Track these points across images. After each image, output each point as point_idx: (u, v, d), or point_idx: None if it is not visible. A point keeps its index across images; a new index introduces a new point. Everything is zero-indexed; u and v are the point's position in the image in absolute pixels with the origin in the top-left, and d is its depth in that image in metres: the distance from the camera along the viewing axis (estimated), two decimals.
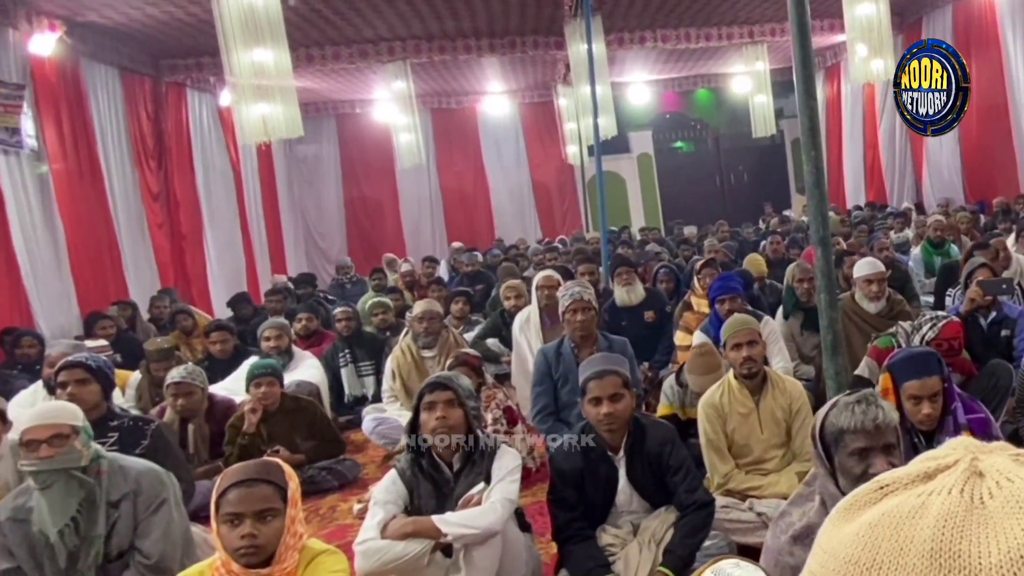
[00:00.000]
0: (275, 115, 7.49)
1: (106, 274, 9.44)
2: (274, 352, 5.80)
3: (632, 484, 3.23)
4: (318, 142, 16.00)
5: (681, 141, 19.15)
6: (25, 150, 8.35)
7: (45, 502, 2.88)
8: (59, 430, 2.92)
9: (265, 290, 9.95)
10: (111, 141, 10.08)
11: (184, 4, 9.12)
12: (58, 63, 9.04)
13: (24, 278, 8.02)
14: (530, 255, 11.23)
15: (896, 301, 5.21)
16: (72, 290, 8.78)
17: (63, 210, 8.81)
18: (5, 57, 8.31)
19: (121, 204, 10.03)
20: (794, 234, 9.88)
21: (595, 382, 3.17)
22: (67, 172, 9.05)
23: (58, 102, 9.08)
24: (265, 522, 2.35)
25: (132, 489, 3.00)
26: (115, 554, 2.97)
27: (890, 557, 0.47)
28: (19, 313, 7.84)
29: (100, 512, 2.94)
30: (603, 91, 10.58)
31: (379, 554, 2.89)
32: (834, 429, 2.24)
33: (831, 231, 4.29)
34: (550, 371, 4.63)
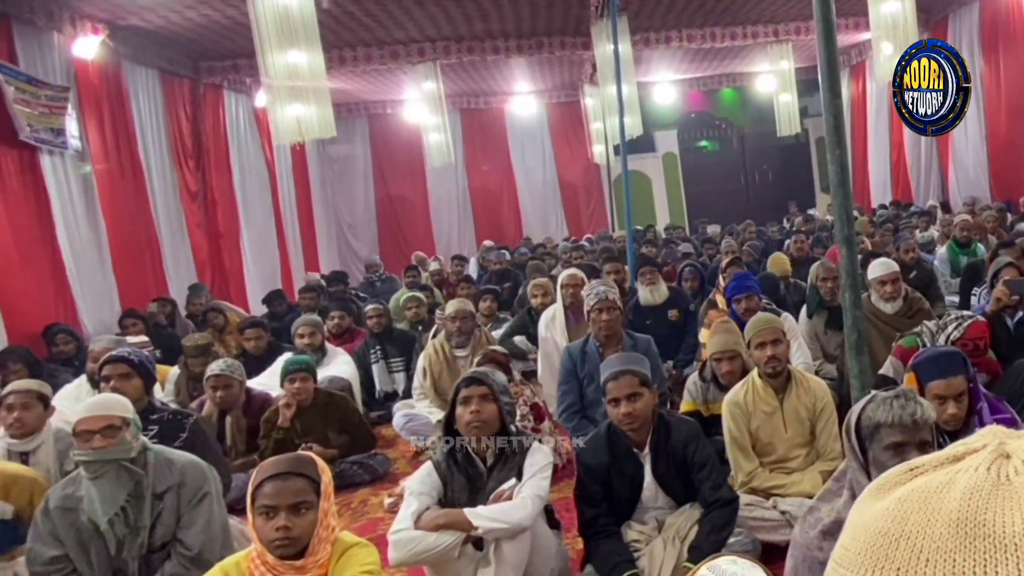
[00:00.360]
0: (309, 116, 7.53)
1: (146, 272, 9.55)
2: (308, 349, 5.84)
3: (657, 481, 3.22)
4: (350, 142, 16.07)
5: (706, 140, 19.03)
6: (69, 150, 8.45)
7: (96, 491, 2.92)
8: (111, 421, 2.96)
9: (299, 287, 10.03)
10: (151, 141, 10.19)
11: (221, 7, 9.20)
12: (101, 65, 9.15)
13: (69, 275, 8.13)
14: (559, 253, 11.21)
15: (914, 300, 5.12)
16: (114, 287, 8.88)
17: (106, 209, 8.92)
18: (50, 60, 8.42)
19: (161, 203, 10.14)
20: (818, 233, 9.77)
21: (612, 383, 3.18)
22: (109, 172, 9.16)
23: (101, 103, 9.19)
24: (299, 515, 2.37)
25: (177, 482, 3.03)
26: (158, 544, 3.01)
27: (918, 527, 0.48)
28: (64, 309, 7.95)
29: (146, 503, 2.98)
30: (629, 91, 10.54)
31: (412, 544, 2.91)
32: (870, 423, 2.21)
33: (857, 230, 4.25)
34: (575, 370, 4.63)
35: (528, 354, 6.30)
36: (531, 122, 16.92)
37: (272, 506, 2.36)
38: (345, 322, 6.92)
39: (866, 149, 15.34)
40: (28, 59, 8.03)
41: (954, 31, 12.27)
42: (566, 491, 4.26)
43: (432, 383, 5.52)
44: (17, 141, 7.69)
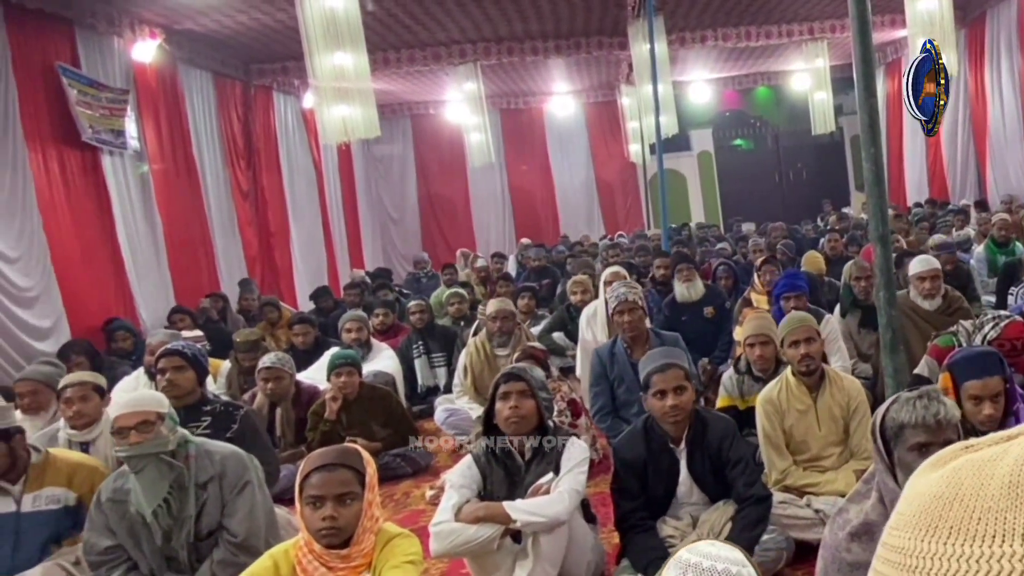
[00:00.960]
0: (354, 116, 7.57)
1: (200, 268, 9.67)
2: (354, 343, 5.87)
3: (692, 476, 3.19)
4: (394, 142, 16.12)
5: (741, 139, 18.80)
6: (128, 151, 8.60)
7: (139, 484, 2.96)
8: (145, 417, 2.99)
9: (344, 284, 10.10)
10: (205, 142, 10.31)
11: (271, 11, 9.28)
12: (158, 69, 9.28)
13: (127, 271, 8.27)
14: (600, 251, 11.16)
15: (954, 298, 5.01)
16: (169, 283, 9.01)
17: (162, 208, 9.05)
18: (111, 63, 8.56)
19: (214, 202, 10.26)
20: (853, 231, 9.61)
21: (659, 375, 3.14)
22: (165, 171, 9.29)
23: (157, 105, 9.32)
24: (345, 505, 2.39)
25: (218, 472, 3.05)
26: (205, 533, 3.04)
27: (971, 490, 0.49)
28: (123, 304, 8.09)
29: (190, 494, 3.00)
30: (665, 90, 10.45)
31: (452, 536, 2.91)
32: (894, 424, 2.17)
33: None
34: (605, 371, 4.60)
35: (566, 350, 6.28)
36: (569, 122, 16.85)
37: (319, 496, 2.39)
38: (389, 319, 6.96)
39: (901, 147, 15.01)
40: (90, 63, 8.18)
41: (992, 27, 11.95)
42: (602, 486, 4.24)
43: (472, 381, 5.51)
44: (80, 142, 7.84)
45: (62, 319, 7.27)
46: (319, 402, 4.88)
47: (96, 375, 4.17)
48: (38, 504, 3.33)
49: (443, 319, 7.08)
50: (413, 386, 6.28)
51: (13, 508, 3.32)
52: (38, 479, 3.35)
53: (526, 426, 3.11)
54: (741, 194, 17.64)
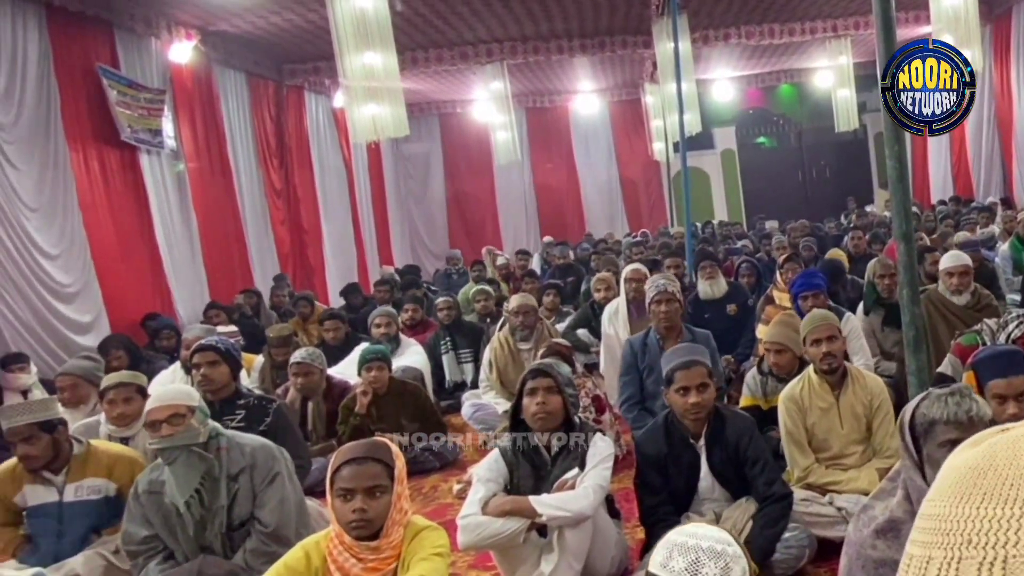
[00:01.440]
0: (383, 115, 7.57)
1: (234, 265, 9.74)
2: (384, 339, 5.88)
3: (713, 472, 3.18)
4: (422, 140, 16.11)
5: (764, 137, 18.63)
6: (165, 150, 8.68)
7: (172, 476, 3.00)
8: (176, 410, 3.03)
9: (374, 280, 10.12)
10: (239, 141, 10.37)
11: (303, 12, 9.32)
12: (193, 69, 9.35)
13: (165, 267, 8.36)
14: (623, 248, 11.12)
15: (984, 295, 4.94)
16: (204, 279, 9.10)
17: (197, 205, 9.13)
18: (149, 64, 8.64)
19: (248, 200, 10.32)
20: (876, 229, 9.48)
21: (683, 372, 3.12)
22: (201, 170, 9.37)
23: (193, 105, 9.39)
24: (374, 497, 2.40)
25: (248, 463, 3.08)
26: (237, 523, 3.07)
27: (1004, 461, 0.50)
28: (160, 300, 8.17)
29: (221, 485, 3.04)
30: (688, 88, 10.38)
31: (479, 529, 2.92)
32: (925, 420, 2.13)
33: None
34: (636, 362, 4.59)
35: (590, 347, 6.26)
36: (593, 120, 16.78)
37: (349, 489, 2.40)
38: (418, 315, 6.96)
39: (926, 144, 14.77)
40: (129, 64, 8.26)
41: (1018, 23, 11.71)
42: (626, 481, 4.23)
43: (498, 375, 5.52)
44: (119, 141, 7.93)
45: (102, 314, 7.36)
46: (350, 396, 4.91)
47: (138, 375, 4.22)
48: (80, 494, 3.39)
49: (470, 315, 7.08)
50: (441, 381, 6.28)
51: (56, 498, 3.39)
52: (80, 470, 3.41)
53: (552, 422, 3.11)
54: (764, 192, 17.48)
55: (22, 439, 3.31)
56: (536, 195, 16.84)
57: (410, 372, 5.52)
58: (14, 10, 6.85)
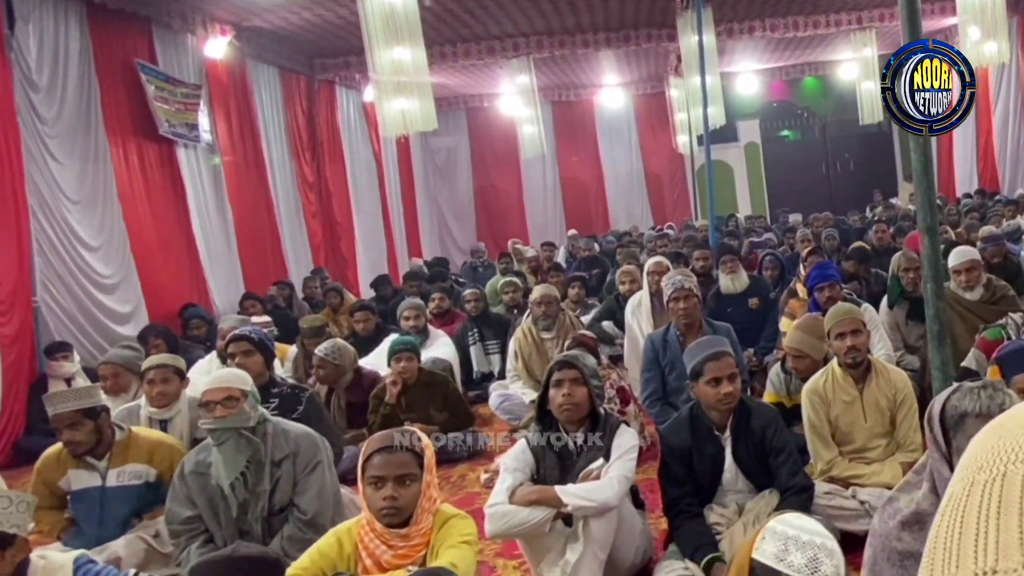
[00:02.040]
0: (412, 109, 7.59)
1: (267, 256, 9.82)
2: (412, 330, 5.89)
3: (737, 464, 3.15)
4: (450, 134, 16.08)
5: (788, 129, 18.40)
6: (201, 144, 8.75)
7: (220, 457, 3.04)
8: (231, 393, 3.08)
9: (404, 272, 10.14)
10: (272, 135, 10.44)
11: (334, 7, 9.34)
12: (228, 64, 9.42)
13: (201, 259, 8.44)
14: (644, 242, 11.06)
15: (999, 287, 4.82)
16: (239, 270, 9.18)
17: (233, 198, 9.21)
18: (185, 60, 8.71)
19: (281, 193, 10.39)
20: (900, 222, 9.34)
21: (713, 363, 3.09)
22: (235, 164, 9.44)
23: (228, 100, 9.46)
24: (404, 486, 2.42)
25: (292, 451, 3.12)
26: (277, 508, 3.11)
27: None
28: (197, 291, 8.27)
29: (265, 470, 3.08)
30: (712, 81, 10.29)
31: (506, 518, 2.93)
32: (956, 412, 2.09)
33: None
34: (657, 358, 4.55)
35: (615, 339, 6.24)
36: (618, 113, 16.68)
37: (380, 477, 2.42)
38: (445, 304, 6.97)
39: (951, 137, 14.48)
40: (166, 60, 8.34)
41: None
42: (650, 472, 4.21)
43: (523, 364, 5.52)
44: (157, 135, 8.02)
45: (141, 305, 7.46)
46: (380, 386, 4.92)
47: (177, 358, 4.28)
48: (121, 479, 3.44)
49: (498, 307, 7.07)
50: (468, 372, 6.29)
51: (99, 483, 3.44)
52: (121, 455, 3.46)
53: (578, 413, 3.10)
54: (788, 185, 17.28)
55: (67, 425, 3.37)
56: (562, 188, 16.78)
57: (439, 363, 5.53)
58: (56, 7, 6.95)
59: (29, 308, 6.28)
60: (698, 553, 2.91)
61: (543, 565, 3.03)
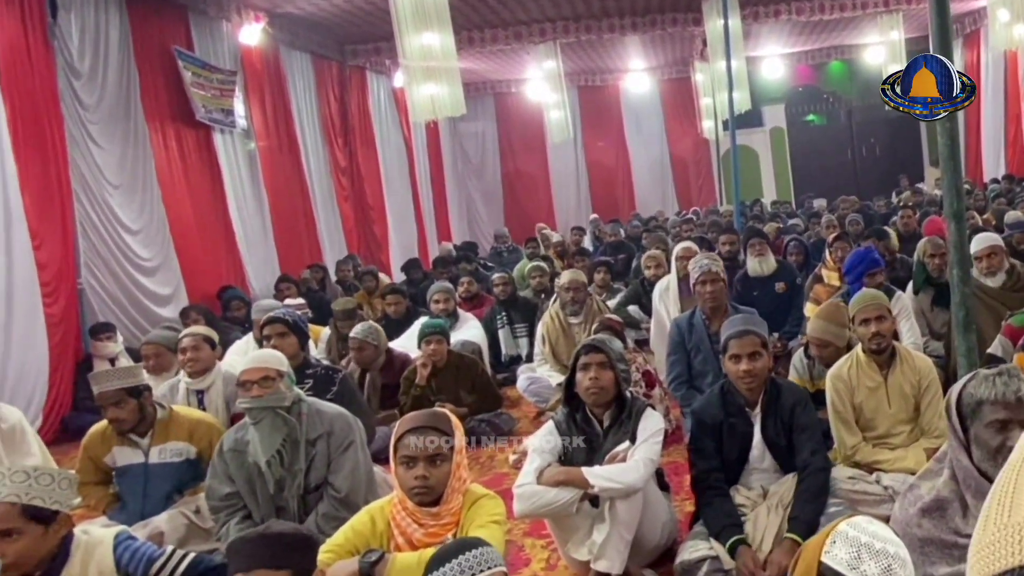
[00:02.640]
0: (441, 95, 7.56)
1: (302, 240, 9.87)
2: (442, 314, 5.91)
3: (765, 442, 3.15)
4: (479, 119, 16.04)
5: (813, 114, 18.10)
6: (237, 129, 8.80)
7: (256, 435, 3.07)
8: (267, 373, 3.11)
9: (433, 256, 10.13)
10: (306, 120, 10.45)
11: None
12: (262, 51, 9.45)
13: (238, 242, 8.51)
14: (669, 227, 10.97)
15: (1021, 274, 4.75)
16: (275, 253, 9.25)
17: (268, 183, 9.26)
18: (220, 46, 8.75)
19: (315, 177, 10.42)
20: (927, 208, 9.17)
21: (736, 341, 3.10)
22: (270, 148, 9.49)
23: (262, 86, 9.50)
24: (435, 466, 2.44)
25: (326, 430, 3.14)
26: (313, 486, 3.14)
27: None
28: (235, 273, 8.34)
29: (301, 448, 3.10)
30: (738, 66, 10.16)
31: (534, 498, 2.94)
32: (972, 400, 2.06)
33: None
34: (683, 341, 4.52)
35: (640, 323, 6.22)
36: (644, 99, 16.52)
37: (412, 457, 2.44)
38: (473, 287, 6.99)
39: (979, 121, 14.18)
40: (202, 46, 8.38)
41: None
42: (675, 455, 4.22)
43: (550, 348, 5.51)
44: (194, 121, 8.07)
45: (180, 287, 7.55)
46: (411, 368, 4.95)
47: (208, 329, 4.35)
48: (163, 456, 3.50)
49: (525, 291, 7.07)
50: (497, 355, 6.29)
51: (142, 459, 3.50)
52: (163, 433, 3.52)
53: (605, 396, 3.10)
54: (813, 170, 17.03)
55: (111, 403, 3.43)
56: (588, 173, 16.68)
57: (468, 346, 5.54)
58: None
59: (74, 290, 6.39)
60: (724, 534, 2.91)
61: (570, 545, 3.04)
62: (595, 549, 2.92)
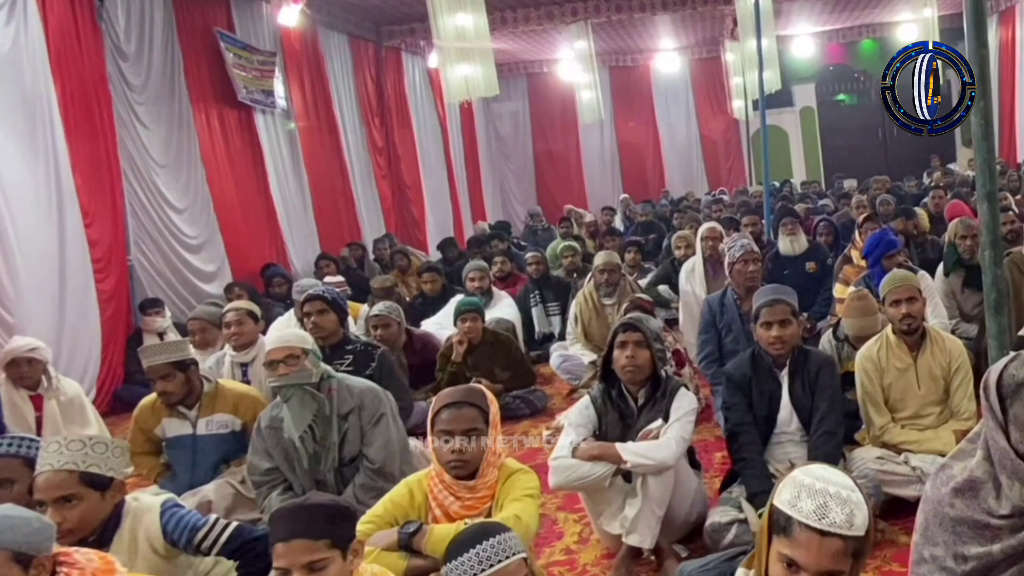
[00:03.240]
0: (475, 75, 7.54)
1: (341, 218, 9.88)
2: (477, 292, 5.91)
3: (793, 402, 3.18)
4: (512, 100, 15.89)
5: (844, 94, 17.69)
6: (277, 110, 8.81)
7: (288, 412, 3.11)
8: (291, 351, 3.14)
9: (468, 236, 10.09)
10: (344, 101, 10.43)
11: None
12: (301, 32, 9.42)
13: (280, 220, 8.56)
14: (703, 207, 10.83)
15: None
16: (315, 231, 9.29)
17: (308, 162, 9.27)
18: (260, 28, 8.75)
19: (354, 157, 10.40)
20: (958, 188, 8.94)
21: (767, 309, 3.19)
22: (310, 129, 9.50)
23: (301, 67, 9.48)
24: (471, 440, 2.46)
25: (356, 405, 3.17)
26: (348, 459, 3.18)
27: None
28: (277, 251, 8.40)
29: (332, 422, 3.14)
30: (768, 45, 9.94)
31: (569, 471, 2.95)
32: (1013, 382, 2.00)
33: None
34: (714, 320, 4.49)
35: (671, 303, 6.17)
36: (674, 78, 16.27)
37: (448, 431, 2.46)
38: (507, 267, 6.98)
39: (1014, 100, 13.71)
40: (243, 28, 8.39)
41: None
42: (705, 434, 4.20)
43: (583, 328, 5.49)
44: (236, 101, 8.10)
45: (225, 264, 7.63)
46: (447, 345, 4.97)
47: (251, 303, 4.41)
48: (210, 428, 3.56)
49: (557, 271, 7.04)
50: (530, 333, 6.28)
51: (190, 431, 3.56)
52: (210, 406, 3.57)
53: (640, 374, 3.09)
54: (843, 150, 16.66)
55: (160, 376, 3.49)
56: (619, 153, 16.51)
57: (503, 323, 5.54)
58: None
59: (124, 267, 6.49)
60: (757, 498, 2.93)
61: (603, 519, 3.06)
62: (627, 523, 2.93)
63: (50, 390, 4.03)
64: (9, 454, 2.49)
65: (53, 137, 5.84)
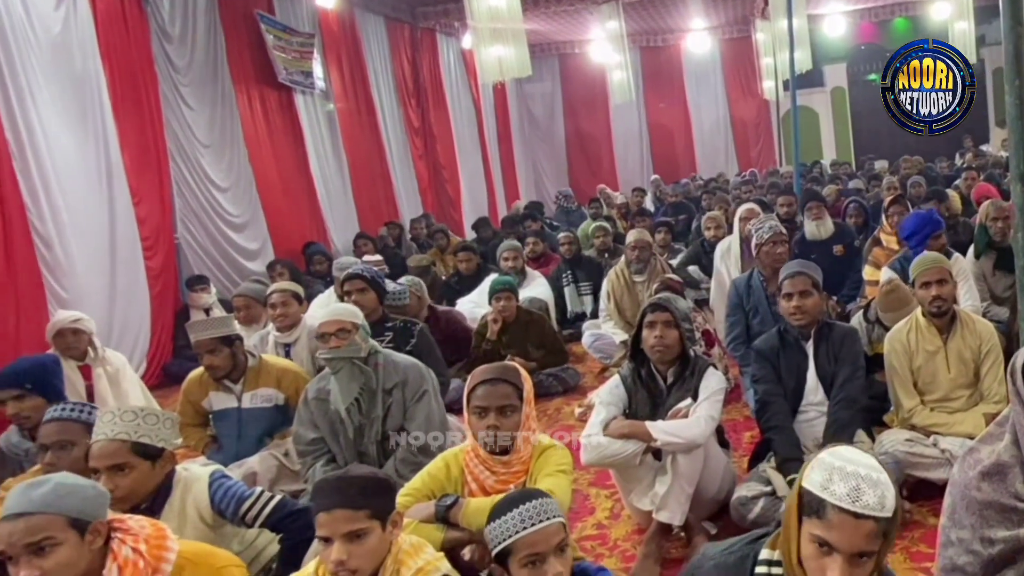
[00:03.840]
0: (508, 56, 7.50)
1: (379, 198, 9.90)
2: (511, 271, 5.91)
3: (818, 373, 3.20)
4: (544, 81, 15.72)
5: (875, 74, 17.26)
6: (316, 91, 8.83)
7: (336, 384, 3.14)
8: (343, 325, 3.16)
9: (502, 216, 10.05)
10: (381, 82, 10.40)
11: None
12: (338, 14, 9.41)
13: (320, 200, 8.61)
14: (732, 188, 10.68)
15: None
16: (354, 211, 9.33)
17: (346, 142, 9.29)
18: (299, 10, 8.75)
19: (392, 137, 10.39)
20: (991, 170, 8.69)
21: (789, 280, 3.27)
22: (348, 110, 9.50)
23: (339, 48, 9.48)
24: (506, 415, 2.46)
25: (401, 380, 3.19)
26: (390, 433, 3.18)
27: None
28: (317, 230, 8.46)
29: (378, 396, 3.16)
30: (799, 24, 9.73)
31: (600, 449, 2.96)
32: None
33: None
34: (741, 302, 4.45)
35: (700, 283, 6.11)
36: (705, 59, 15.96)
37: (484, 407, 2.47)
38: (539, 248, 6.95)
39: None
40: (283, 10, 8.41)
41: None
42: (734, 414, 4.19)
43: (615, 305, 5.47)
44: (277, 83, 8.13)
45: (267, 242, 7.70)
46: (482, 322, 4.98)
47: (295, 285, 4.43)
48: (255, 402, 3.60)
49: (589, 250, 7.01)
50: (563, 312, 6.27)
51: (236, 404, 3.61)
52: (254, 380, 3.62)
53: (669, 354, 3.08)
54: (874, 131, 16.24)
55: (206, 351, 3.54)
56: (650, 134, 16.30)
57: (536, 303, 5.53)
58: None
59: (172, 244, 6.59)
60: (788, 465, 2.96)
61: (633, 495, 3.06)
62: (657, 500, 2.94)
63: (97, 360, 4.09)
64: (71, 418, 2.61)
65: (103, 118, 5.90)
